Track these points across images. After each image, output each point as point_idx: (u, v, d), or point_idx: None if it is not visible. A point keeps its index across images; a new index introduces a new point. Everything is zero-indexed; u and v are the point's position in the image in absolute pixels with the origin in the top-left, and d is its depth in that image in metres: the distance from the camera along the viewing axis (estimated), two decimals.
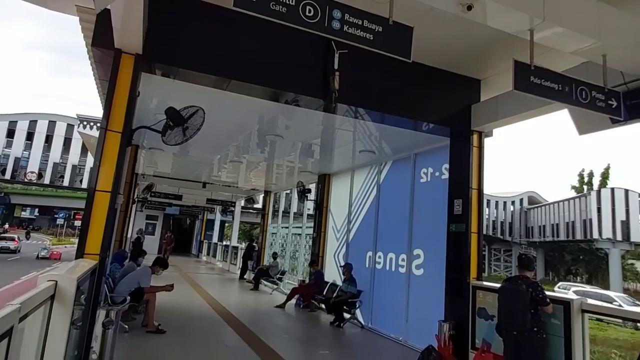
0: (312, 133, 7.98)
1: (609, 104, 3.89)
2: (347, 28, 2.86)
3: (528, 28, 3.53)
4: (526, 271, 4.35)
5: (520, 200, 46.31)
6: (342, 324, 8.00)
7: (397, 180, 8.11)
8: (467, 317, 5.41)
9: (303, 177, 12.07)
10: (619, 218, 34.07)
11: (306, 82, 5.12)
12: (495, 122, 5.81)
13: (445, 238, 6.05)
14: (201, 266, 21.39)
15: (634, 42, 3.83)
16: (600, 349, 9.47)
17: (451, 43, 5.29)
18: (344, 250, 9.65)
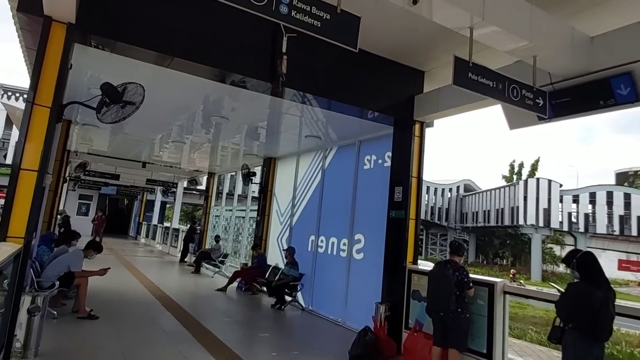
0: (259, 116, 7.87)
1: (536, 102, 4.18)
2: (295, 13, 2.83)
3: (468, 26, 3.68)
4: (456, 256, 4.64)
5: (456, 188, 48.84)
6: (283, 307, 8.10)
7: (342, 166, 8.25)
8: (403, 299, 5.69)
9: (248, 160, 11.92)
10: (542, 206, 37.09)
11: (253, 64, 5.02)
12: (437, 113, 6.05)
13: (385, 224, 6.27)
14: (139, 249, 20.59)
15: (561, 45, 4.13)
16: (519, 325, 10.37)
17: (398, 34, 5.40)
18: (288, 234, 9.72)
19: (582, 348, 3.25)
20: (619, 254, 46.36)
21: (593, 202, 36.92)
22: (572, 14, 4.43)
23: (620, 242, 44.27)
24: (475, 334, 4.57)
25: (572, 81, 4.38)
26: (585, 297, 3.29)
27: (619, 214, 35.69)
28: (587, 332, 3.24)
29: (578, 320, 3.30)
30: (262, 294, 9.48)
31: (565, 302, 3.49)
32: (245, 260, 11.80)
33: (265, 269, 9.58)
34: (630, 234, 36.43)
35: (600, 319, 3.23)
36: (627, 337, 9.01)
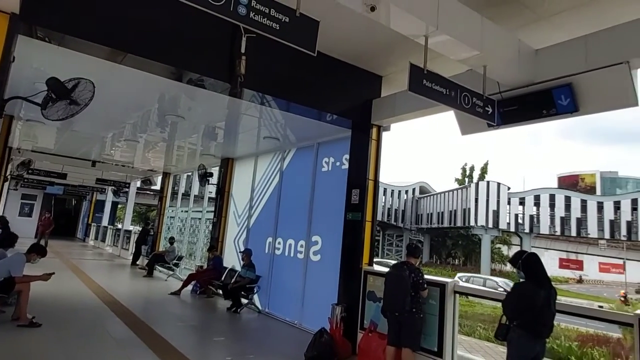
0: (217, 116, 7.73)
1: (486, 110, 4.38)
2: (254, 15, 2.80)
3: (423, 34, 3.80)
4: (412, 258, 4.77)
5: (412, 190, 50.13)
6: (239, 310, 7.98)
7: (300, 168, 8.25)
8: (358, 300, 5.76)
9: (205, 160, 11.66)
10: (491, 208, 38.83)
11: (211, 63, 4.92)
12: (393, 117, 6.19)
13: (342, 226, 6.34)
14: (87, 252, 19.63)
15: (508, 57, 4.35)
16: (469, 323, 10.79)
17: (357, 39, 5.48)
18: (245, 236, 9.60)
19: (525, 344, 3.44)
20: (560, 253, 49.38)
21: (537, 205, 39.07)
22: (519, 27, 4.68)
23: (561, 241, 47.14)
24: (428, 333, 4.72)
25: (518, 91, 4.62)
26: (529, 296, 3.48)
27: (560, 216, 37.98)
28: (530, 329, 3.44)
29: (522, 318, 3.49)
30: (217, 297, 9.30)
31: (511, 301, 3.68)
32: (201, 263, 11.52)
33: (221, 272, 9.40)
34: (570, 234, 38.87)
35: (542, 317, 3.44)
36: (566, 332, 9.61)
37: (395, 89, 6.32)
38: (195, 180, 13.19)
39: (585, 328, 9.90)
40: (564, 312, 3.99)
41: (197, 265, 11.36)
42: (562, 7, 4.40)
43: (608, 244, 45.02)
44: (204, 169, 11.50)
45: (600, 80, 4.00)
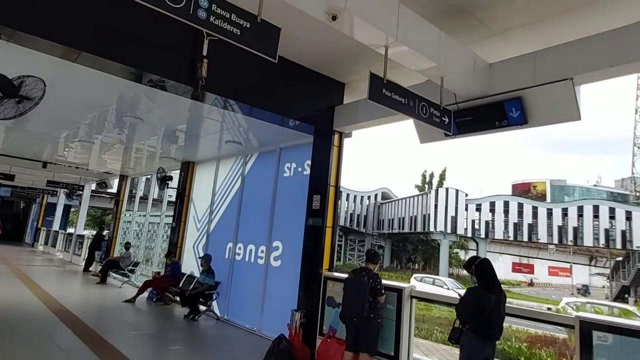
0: (178, 119, 7.55)
1: (442, 120, 4.53)
2: (214, 19, 2.77)
3: (384, 45, 3.89)
4: (371, 264, 4.84)
5: (375, 196, 50.84)
6: (196, 317, 7.80)
7: (262, 172, 8.20)
8: (318, 305, 5.78)
9: (165, 164, 11.35)
10: (450, 214, 39.98)
11: (172, 65, 4.81)
12: (355, 124, 6.27)
13: (303, 231, 6.35)
14: (36, 257, 18.59)
15: (464, 69, 4.52)
16: (426, 326, 11.04)
17: (321, 46, 5.52)
18: (205, 241, 9.41)
19: (476, 347, 3.57)
20: (513, 257, 51.53)
21: (493, 211, 40.55)
22: (474, 42, 4.87)
23: (514, 246, 49.28)
24: (385, 338, 4.79)
25: (473, 102, 4.81)
26: (480, 300, 3.63)
27: (514, 222, 39.59)
28: (480, 333, 3.57)
29: (474, 322, 3.62)
30: (174, 304, 9.05)
31: (464, 305, 3.81)
32: (158, 269, 11.19)
33: (179, 278, 9.17)
34: (522, 239, 40.57)
35: (492, 321, 3.59)
36: (517, 333, 10.02)
37: (357, 96, 6.42)
38: (154, 184, 12.82)
39: (535, 329, 10.35)
40: (513, 315, 4.16)
41: (154, 271, 11.02)
42: (515, 24, 4.62)
43: (556, 248, 47.50)
44: (164, 172, 11.19)
45: (547, 95, 4.23)
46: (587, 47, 4.04)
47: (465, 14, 4.49)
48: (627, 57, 3.78)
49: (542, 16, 4.41)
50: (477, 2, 4.28)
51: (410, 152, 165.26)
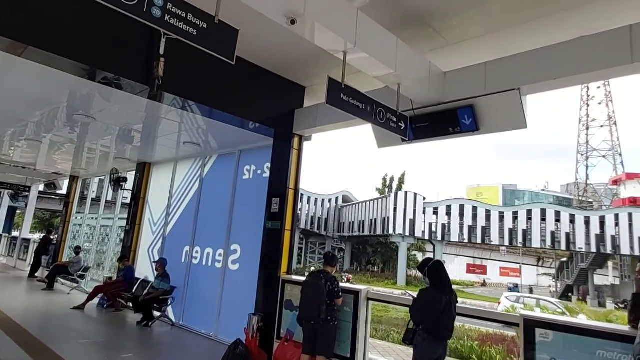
0: (133, 119, 7.27)
1: (399, 125, 4.64)
2: (169, 18, 2.71)
3: (342, 50, 3.95)
4: (328, 266, 4.88)
5: (335, 199, 51.21)
6: (150, 323, 7.55)
7: (221, 175, 8.07)
8: (276, 309, 5.75)
9: (119, 164, 10.92)
10: (408, 217, 40.94)
11: (127, 63, 4.66)
12: (315, 128, 6.31)
13: (262, 234, 6.30)
14: None
15: (420, 77, 4.66)
16: (384, 327, 11.25)
17: (282, 49, 5.52)
18: (160, 245, 9.13)
19: (428, 347, 3.69)
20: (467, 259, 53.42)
21: (449, 214, 41.92)
22: (430, 51, 5.04)
23: (469, 248, 51.15)
24: (342, 340, 4.85)
25: (429, 109, 4.97)
26: (432, 301, 3.74)
27: (468, 224, 41.10)
28: (433, 333, 3.69)
29: (426, 323, 3.74)
30: (127, 311, 8.71)
31: (416, 306, 3.92)
32: (110, 274, 10.73)
33: (132, 283, 8.84)
34: (476, 241, 42.17)
35: (444, 321, 3.72)
36: (470, 332, 10.40)
37: (318, 100, 6.46)
38: (108, 185, 12.30)
39: (486, 328, 10.78)
40: (465, 315, 4.33)
41: (106, 276, 10.56)
42: (469, 34, 4.81)
43: (507, 250, 49.76)
44: (117, 173, 10.77)
45: (496, 104, 4.44)
46: (533, 60, 4.28)
47: (422, 24, 4.63)
48: (569, 70, 4.03)
49: (495, 28, 4.62)
50: (434, 13, 4.44)
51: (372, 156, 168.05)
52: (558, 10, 4.23)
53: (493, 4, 4.21)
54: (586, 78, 4.15)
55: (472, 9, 4.32)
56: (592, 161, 56.99)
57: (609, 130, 56.78)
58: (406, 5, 4.30)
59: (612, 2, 4.01)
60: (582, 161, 57.55)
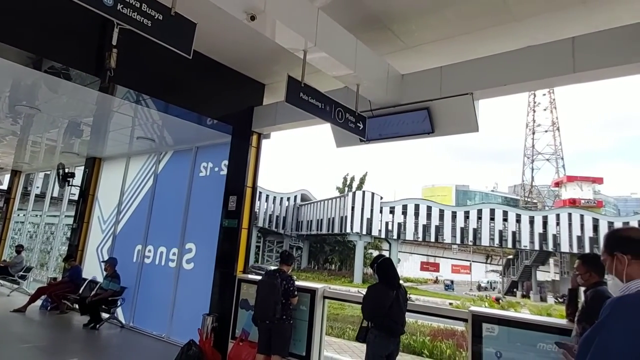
0: (83, 111, 6.92)
1: (357, 125, 4.70)
2: (122, 8, 2.59)
3: (302, 49, 3.95)
4: (284, 265, 4.86)
5: (294, 197, 51.17)
6: (98, 326, 7.22)
7: (176, 171, 7.84)
8: (231, 309, 5.67)
9: (67, 159, 10.35)
10: (365, 216, 41.60)
11: (76, 52, 4.42)
12: (274, 126, 6.26)
13: (218, 233, 6.19)
14: None
15: (379, 78, 4.74)
16: (340, 325, 11.38)
17: (242, 45, 5.43)
18: (110, 244, 8.75)
19: (379, 344, 3.78)
20: (421, 257, 55.01)
21: (405, 213, 43.00)
22: (389, 53, 5.14)
23: (423, 246, 52.70)
24: (297, 339, 4.85)
25: (387, 110, 5.06)
26: (380, 296, 3.87)
27: (423, 224, 42.36)
28: (384, 329, 3.79)
29: (377, 319, 3.84)
30: (73, 313, 8.28)
31: (366, 302, 4.02)
32: (55, 274, 10.17)
33: (78, 284, 8.42)
34: (430, 240, 43.55)
35: (393, 316, 3.84)
36: (422, 328, 10.73)
37: (277, 97, 6.42)
38: (54, 181, 11.64)
39: (437, 324, 11.15)
40: (417, 311, 4.46)
41: (50, 277, 9.99)
42: (427, 39, 4.93)
43: (459, 248, 51.69)
44: (63, 168, 10.21)
45: (450, 107, 4.59)
46: (485, 66, 4.46)
47: (381, 27, 4.71)
48: (518, 77, 4.24)
49: (451, 34, 4.77)
50: (393, 17, 4.52)
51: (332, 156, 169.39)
52: (510, 20, 4.43)
53: (450, 11, 4.35)
54: (533, 85, 4.37)
55: (430, 15, 4.44)
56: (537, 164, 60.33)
57: (552, 135, 60.34)
58: (367, 7, 4.36)
59: (558, 15, 4.25)
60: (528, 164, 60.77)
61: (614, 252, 1.66)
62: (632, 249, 1.61)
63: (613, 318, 1.43)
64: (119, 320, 7.62)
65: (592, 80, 3.99)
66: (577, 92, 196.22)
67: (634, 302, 1.47)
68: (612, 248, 1.68)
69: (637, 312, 1.40)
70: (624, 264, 1.60)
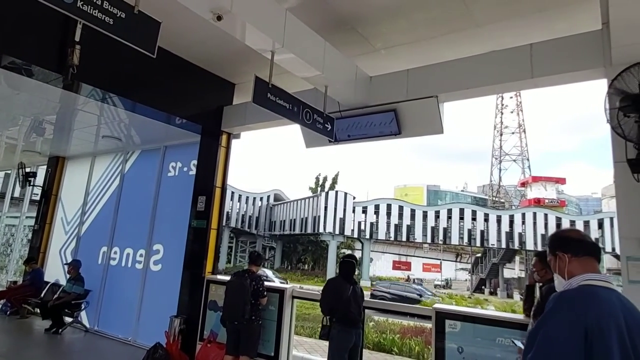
0: (45, 109, 6.68)
1: (325, 126, 4.74)
2: (82, 5, 2.52)
3: (270, 50, 3.96)
4: (254, 266, 4.86)
5: (267, 197, 50.84)
6: (60, 330, 6.99)
7: (144, 171, 7.68)
8: (199, 310, 5.61)
9: (28, 158, 9.98)
10: (338, 216, 41.78)
11: (37, 48, 4.28)
12: (243, 126, 6.24)
13: (186, 233, 6.12)
14: None
15: (346, 80, 4.80)
16: (310, 324, 11.40)
17: (211, 44, 5.38)
18: (74, 245, 8.49)
19: (343, 337, 3.93)
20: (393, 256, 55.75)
21: (377, 213, 43.41)
22: (357, 55, 5.21)
23: (395, 246, 53.39)
24: (266, 339, 4.85)
25: (355, 111, 5.13)
26: (338, 288, 4.18)
27: (394, 223, 42.91)
28: (345, 322, 3.96)
29: (336, 311, 3.99)
30: (34, 317, 7.99)
31: (325, 294, 4.19)
32: (15, 278, 9.78)
33: (40, 287, 8.13)
34: (402, 239, 44.16)
35: (351, 307, 4.05)
36: (392, 326, 10.88)
37: (247, 97, 6.26)
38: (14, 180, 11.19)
39: (407, 322, 11.35)
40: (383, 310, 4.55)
41: (10, 280, 9.61)
42: (395, 42, 5.03)
43: (430, 247, 52.67)
44: (24, 168, 9.83)
45: (417, 109, 4.70)
46: (450, 69, 4.59)
47: (350, 29, 4.77)
48: (480, 81, 4.38)
49: (419, 38, 4.88)
50: (362, 20, 4.59)
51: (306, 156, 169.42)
52: (473, 26, 4.58)
53: (418, 15, 4.44)
54: (495, 89, 4.53)
55: (398, 18, 4.52)
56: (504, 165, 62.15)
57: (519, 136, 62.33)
58: (336, 10, 4.41)
59: (517, 22, 4.43)
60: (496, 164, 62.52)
61: (556, 251, 1.76)
62: (571, 248, 1.71)
63: (554, 311, 1.53)
64: (82, 324, 7.40)
65: (549, 86, 4.17)
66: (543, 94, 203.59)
67: (572, 296, 1.57)
68: (554, 248, 1.78)
69: (574, 305, 1.50)
70: (565, 262, 1.70)
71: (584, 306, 1.48)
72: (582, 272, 1.65)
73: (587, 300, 1.51)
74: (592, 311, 1.46)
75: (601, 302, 1.51)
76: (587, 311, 1.46)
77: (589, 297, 1.53)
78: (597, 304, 1.49)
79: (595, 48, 3.72)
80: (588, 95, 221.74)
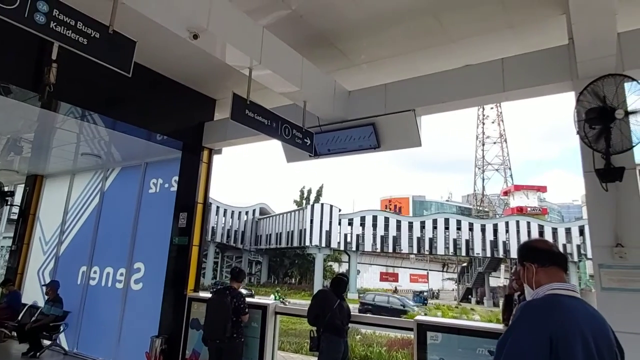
0: (23, 127, 6.59)
1: (305, 141, 4.78)
2: (55, 26, 2.53)
3: (247, 66, 4.00)
4: (235, 282, 4.82)
5: (253, 211, 50.55)
6: (38, 354, 6.78)
7: (124, 189, 7.59)
8: (181, 329, 5.52)
9: (5, 177, 9.78)
10: (324, 228, 41.71)
11: (13, 67, 4.24)
12: (224, 141, 6.25)
13: (168, 251, 6.04)
14: None
15: (325, 95, 4.87)
16: (297, 340, 11.28)
17: (190, 60, 5.40)
18: (52, 266, 8.30)
19: (333, 348, 3.94)
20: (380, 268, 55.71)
21: (363, 225, 43.48)
22: (335, 70, 5.29)
23: (382, 257, 53.38)
24: (249, 357, 4.80)
25: (334, 125, 5.19)
26: (327, 297, 4.31)
27: (381, 235, 43.01)
28: (334, 331, 3.99)
29: (322, 319, 4.02)
30: (11, 341, 7.74)
31: (313, 301, 4.25)
32: None
33: (18, 310, 7.89)
34: (388, 250, 44.24)
35: (338, 317, 4.09)
36: (379, 339, 10.86)
37: (228, 113, 6.35)
38: None
39: (395, 334, 11.31)
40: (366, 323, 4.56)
41: None
42: (373, 57, 5.12)
43: (416, 257, 52.85)
44: (2, 187, 9.62)
45: (395, 123, 4.78)
46: (426, 84, 4.69)
47: (328, 45, 4.85)
48: (455, 95, 4.49)
49: (396, 52, 4.97)
50: (339, 35, 4.67)
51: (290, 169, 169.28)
52: (447, 42, 4.70)
53: (395, 30, 4.54)
54: (469, 102, 4.64)
55: (375, 34, 4.60)
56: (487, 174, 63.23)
57: (500, 146, 63.53)
58: (313, 26, 4.48)
59: (489, 37, 4.56)
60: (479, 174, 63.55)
61: (523, 262, 1.80)
62: (538, 258, 1.76)
63: (520, 321, 1.56)
64: (61, 347, 7.20)
65: (520, 99, 4.30)
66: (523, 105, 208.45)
67: (537, 305, 1.61)
68: (522, 258, 1.82)
69: (539, 314, 1.54)
70: (532, 272, 1.75)
71: (549, 315, 1.52)
72: (548, 281, 1.69)
73: (551, 309, 1.55)
74: (556, 320, 1.50)
75: (566, 310, 1.55)
76: (551, 320, 1.50)
77: (554, 306, 1.57)
78: (561, 313, 1.54)
79: (563, 62, 3.86)
80: (565, 104, 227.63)
